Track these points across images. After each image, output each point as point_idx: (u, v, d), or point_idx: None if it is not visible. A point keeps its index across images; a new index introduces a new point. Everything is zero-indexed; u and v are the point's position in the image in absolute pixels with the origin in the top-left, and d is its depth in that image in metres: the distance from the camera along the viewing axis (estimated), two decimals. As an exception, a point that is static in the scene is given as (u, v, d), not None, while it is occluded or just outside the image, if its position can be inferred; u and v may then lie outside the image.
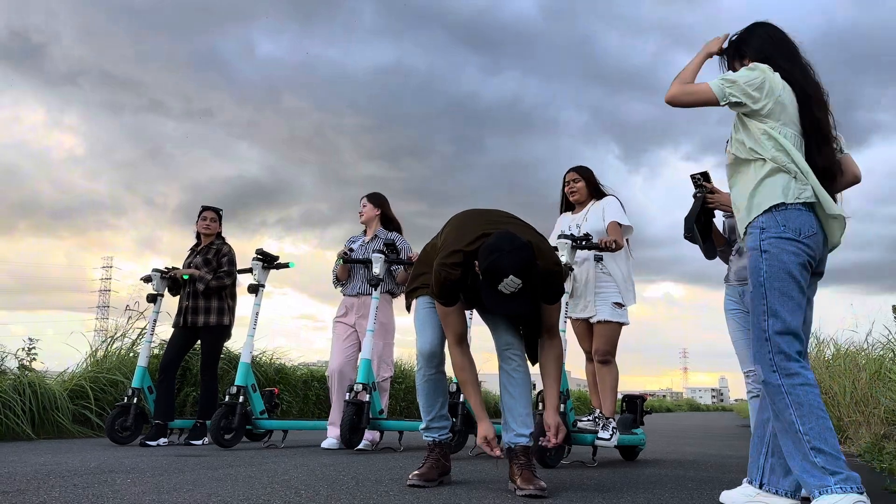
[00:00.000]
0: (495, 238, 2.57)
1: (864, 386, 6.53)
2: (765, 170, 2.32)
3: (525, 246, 2.55)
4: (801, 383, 2.16)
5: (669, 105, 2.43)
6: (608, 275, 4.32)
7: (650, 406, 4.94)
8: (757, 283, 2.26)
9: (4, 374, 5.81)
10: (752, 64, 2.44)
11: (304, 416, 8.42)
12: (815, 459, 2.10)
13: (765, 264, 2.25)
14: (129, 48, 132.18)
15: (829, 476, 2.07)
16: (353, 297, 5.21)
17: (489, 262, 2.51)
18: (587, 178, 4.57)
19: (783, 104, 2.36)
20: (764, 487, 2.42)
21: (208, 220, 5.57)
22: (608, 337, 4.28)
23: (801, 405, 2.14)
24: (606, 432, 4.09)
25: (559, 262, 2.85)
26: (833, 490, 2.05)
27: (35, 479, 2.80)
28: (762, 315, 2.24)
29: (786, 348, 2.19)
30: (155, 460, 3.71)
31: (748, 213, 2.34)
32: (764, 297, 2.24)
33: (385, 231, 5.31)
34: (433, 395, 3.01)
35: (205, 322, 5.32)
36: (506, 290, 2.50)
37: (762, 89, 2.34)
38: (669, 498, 2.74)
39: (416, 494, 2.58)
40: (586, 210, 4.53)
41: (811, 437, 2.11)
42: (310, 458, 4.07)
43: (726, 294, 3.38)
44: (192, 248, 5.67)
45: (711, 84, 2.38)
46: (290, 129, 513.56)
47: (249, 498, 2.39)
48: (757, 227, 2.30)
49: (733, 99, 2.35)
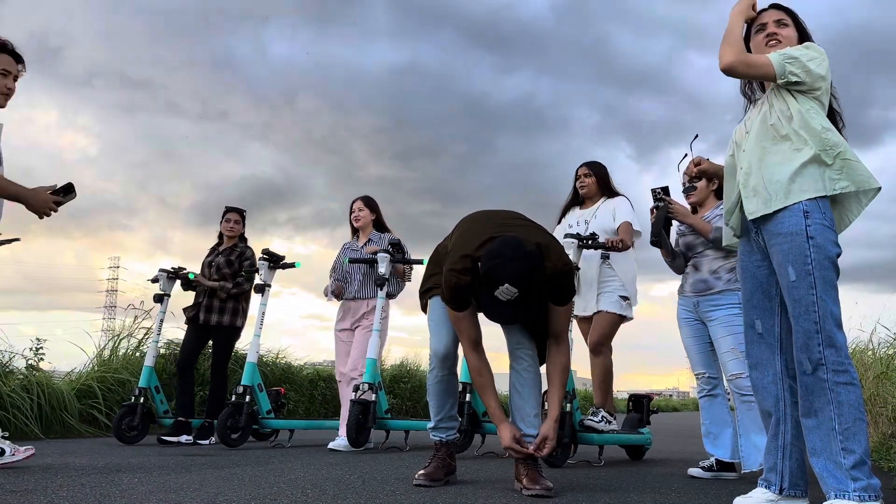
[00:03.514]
0: (499, 243, 2.56)
1: (870, 385, 6.50)
2: (806, 155, 2.22)
3: (528, 255, 2.53)
4: (845, 382, 2.09)
5: (725, 73, 2.30)
6: (614, 272, 4.32)
7: (656, 405, 4.92)
8: (803, 272, 2.16)
9: (12, 374, 5.84)
10: (807, 43, 2.37)
11: (310, 415, 8.43)
12: (842, 460, 2.06)
13: (812, 252, 2.15)
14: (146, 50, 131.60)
15: (851, 481, 2.04)
16: (351, 301, 5.21)
17: (488, 268, 2.51)
18: (598, 174, 4.55)
19: (828, 91, 2.33)
20: (785, 492, 2.31)
21: (232, 221, 5.59)
22: (604, 327, 4.28)
23: (842, 404, 2.09)
24: (596, 417, 4.13)
25: (570, 262, 2.83)
26: (851, 497, 2.03)
27: (43, 478, 2.82)
28: (812, 305, 2.13)
29: (838, 342, 2.11)
30: (162, 460, 3.72)
31: (785, 195, 2.21)
32: (813, 286, 2.14)
33: (378, 234, 5.30)
34: (444, 396, 3.01)
35: (217, 322, 5.33)
36: (502, 297, 2.49)
37: (822, 69, 2.29)
38: (676, 498, 2.73)
39: (423, 494, 2.58)
40: (596, 207, 4.51)
41: (845, 438, 2.07)
42: (316, 457, 4.08)
43: (679, 304, 3.76)
44: (214, 248, 5.66)
45: (772, 58, 2.28)
46: (303, 129, 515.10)
47: (256, 497, 2.40)
48: (799, 210, 2.19)
49: (793, 78, 2.28)
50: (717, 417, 3.64)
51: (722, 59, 2.30)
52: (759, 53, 2.42)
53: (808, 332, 2.13)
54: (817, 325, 2.12)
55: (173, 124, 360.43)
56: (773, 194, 2.23)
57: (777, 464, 2.32)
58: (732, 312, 3.46)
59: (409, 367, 11.10)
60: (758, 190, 2.28)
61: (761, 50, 2.44)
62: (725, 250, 3.52)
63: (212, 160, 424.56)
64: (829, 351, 2.11)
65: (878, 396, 6.29)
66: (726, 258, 3.56)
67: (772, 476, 2.33)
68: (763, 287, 2.39)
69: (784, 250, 2.20)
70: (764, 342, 2.38)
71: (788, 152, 2.26)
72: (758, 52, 2.45)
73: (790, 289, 2.18)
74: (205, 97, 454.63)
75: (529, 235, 2.71)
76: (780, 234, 2.22)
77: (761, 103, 2.41)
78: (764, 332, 2.38)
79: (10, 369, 5.91)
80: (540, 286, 2.60)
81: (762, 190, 2.27)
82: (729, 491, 2.93)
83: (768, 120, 2.32)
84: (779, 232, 2.22)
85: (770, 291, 2.37)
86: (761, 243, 2.35)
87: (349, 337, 5.12)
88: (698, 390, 3.73)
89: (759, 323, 2.39)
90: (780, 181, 2.23)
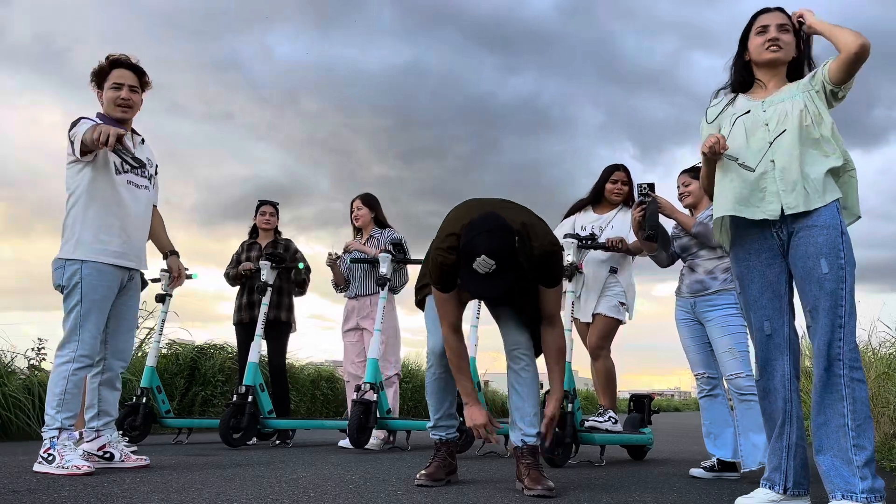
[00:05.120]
0: (479, 218, 2.56)
1: (872, 385, 6.49)
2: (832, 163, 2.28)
3: (507, 229, 2.52)
4: (859, 379, 2.14)
5: (864, 51, 2.24)
6: (617, 280, 4.35)
7: (658, 405, 4.92)
8: (836, 266, 2.19)
9: (14, 374, 5.84)
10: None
11: (311, 415, 8.44)
12: (853, 456, 2.08)
13: (844, 246, 2.21)
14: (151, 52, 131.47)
15: (859, 480, 2.05)
16: (353, 300, 5.21)
17: (466, 241, 2.51)
18: (630, 185, 4.47)
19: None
20: (789, 492, 2.30)
21: (267, 214, 5.57)
22: (602, 331, 4.30)
23: (856, 401, 2.12)
24: (602, 417, 4.15)
25: (557, 242, 2.81)
26: (858, 498, 2.04)
27: (45, 478, 2.82)
28: (840, 300, 2.17)
29: (855, 339, 2.17)
30: (163, 460, 3.73)
31: (822, 193, 2.25)
32: (843, 280, 2.18)
33: (380, 231, 5.31)
34: (442, 394, 3.02)
35: (276, 317, 5.32)
36: (479, 269, 2.46)
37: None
38: (677, 497, 2.73)
39: (424, 494, 2.58)
40: (613, 214, 4.48)
41: (857, 434, 2.09)
42: (318, 457, 4.08)
43: (677, 305, 3.77)
44: (250, 244, 5.61)
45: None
46: (307, 130, 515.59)
47: (258, 497, 2.40)
48: (835, 207, 2.26)
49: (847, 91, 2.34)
50: (718, 417, 3.64)
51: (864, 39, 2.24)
52: (757, 55, 2.45)
53: (833, 325, 2.16)
54: (842, 319, 2.16)
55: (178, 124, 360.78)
56: (812, 192, 2.26)
57: (781, 464, 2.31)
58: (729, 312, 3.46)
59: (410, 367, 11.10)
60: (797, 185, 2.28)
61: (759, 52, 2.45)
62: (720, 251, 3.53)
63: (216, 160, 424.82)
64: (848, 347, 2.14)
65: (879, 396, 6.29)
66: (721, 258, 3.56)
67: (776, 476, 2.32)
68: (773, 287, 2.36)
69: (819, 242, 2.22)
70: (772, 343, 2.36)
71: (819, 155, 2.30)
72: (756, 53, 2.47)
73: (821, 281, 2.20)
74: (209, 98, 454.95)
75: (515, 216, 2.70)
76: (815, 227, 2.24)
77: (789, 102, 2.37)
78: (773, 332, 2.35)
79: (12, 369, 5.91)
80: (526, 265, 2.60)
81: (801, 186, 2.27)
82: (730, 491, 2.93)
83: (804, 121, 2.33)
84: (814, 224, 2.25)
85: (779, 291, 2.36)
86: (782, 237, 2.33)
87: (356, 337, 5.13)
88: (698, 391, 3.74)
89: (769, 324, 2.36)
90: (818, 179, 2.26)
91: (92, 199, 3.16)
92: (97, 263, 3.14)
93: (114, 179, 3.20)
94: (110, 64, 3.29)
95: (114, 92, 3.27)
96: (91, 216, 3.15)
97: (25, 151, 72.93)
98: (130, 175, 3.26)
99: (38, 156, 60.74)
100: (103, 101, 3.30)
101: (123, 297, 3.30)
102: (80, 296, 3.09)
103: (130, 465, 3.27)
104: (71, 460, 2.94)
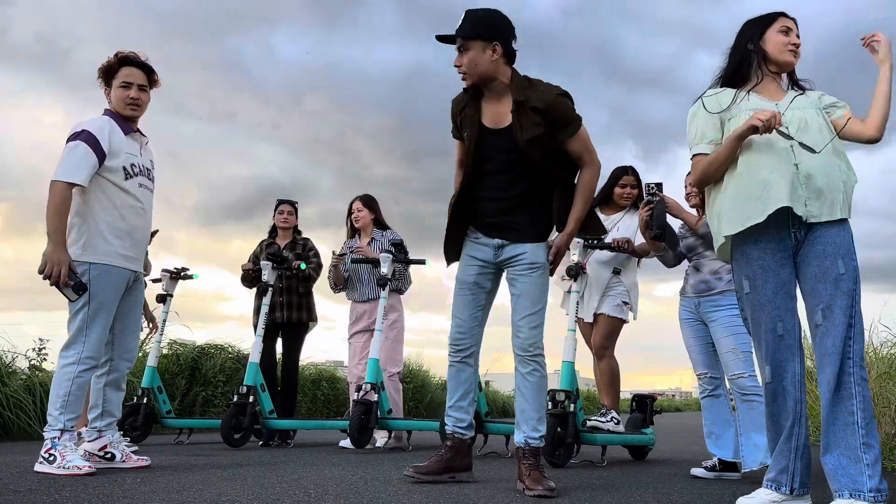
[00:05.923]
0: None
1: (873, 385, 6.48)
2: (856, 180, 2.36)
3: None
4: (865, 378, 2.19)
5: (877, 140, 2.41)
6: (620, 281, 4.35)
7: (659, 406, 4.92)
8: (851, 267, 2.24)
9: (15, 374, 5.84)
10: None
11: (312, 415, 8.43)
12: (862, 455, 2.09)
13: (854, 250, 2.28)
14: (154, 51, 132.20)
15: (867, 479, 2.06)
16: (364, 304, 5.20)
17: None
18: (639, 189, 4.45)
19: None
20: (795, 492, 2.27)
21: (285, 213, 5.54)
22: (605, 331, 4.31)
23: (865, 399, 2.15)
24: (604, 418, 4.16)
25: (560, 89, 2.90)
26: (866, 497, 2.04)
27: (45, 478, 2.82)
28: (853, 301, 2.22)
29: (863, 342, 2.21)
30: (164, 460, 3.73)
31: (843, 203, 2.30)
32: (857, 282, 2.24)
33: (380, 232, 5.31)
34: (453, 383, 3.03)
35: (298, 318, 5.31)
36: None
37: None
38: (678, 497, 2.73)
39: (425, 494, 2.58)
40: (620, 216, 4.49)
41: (866, 433, 2.11)
42: (319, 457, 4.08)
43: (681, 305, 3.77)
44: (269, 243, 5.56)
45: None
46: (310, 130, 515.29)
47: (259, 497, 2.40)
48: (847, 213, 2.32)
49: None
50: (720, 417, 3.64)
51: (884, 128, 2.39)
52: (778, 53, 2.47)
53: (846, 325, 2.20)
54: (853, 319, 2.20)
55: (181, 124, 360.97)
56: (837, 201, 2.29)
57: (789, 465, 2.28)
58: (733, 313, 3.44)
59: (412, 367, 11.10)
60: (823, 193, 2.28)
61: (781, 51, 2.47)
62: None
63: (218, 160, 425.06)
64: (858, 346, 2.17)
65: (880, 397, 6.28)
66: None
67: (783, 478, 2.28)
68: (786, 287, 2.33)
69: (837, 242, 2.26)
70: (784, 344, 2.32)
71: (844, 166, 2.35)
72: (777, 51, 2.47)
73: (838, 280, 2.23)
74: (213, 98, 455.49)
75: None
76: (833, 227, 2.28)
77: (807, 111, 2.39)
78: (785, 333, 2.31)
79: (13, 370, 5.91)
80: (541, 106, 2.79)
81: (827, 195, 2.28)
82: (732, 491, 2.92)
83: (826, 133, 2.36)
84: (832, 225, 2.28)
85: (792, 291, 2.35)
86: (799, 237, 2.31)
87: (366, 338, 5.11)
88: (700, 391, 3.74)
89: (781, 325, 2.32)
90: (840, 190, 2.30)
91: (100, 202, 3.16)
92: (106, 265, 3.14)
93: (123, 183, 3.20)
94: (119, 61, 3.28)
95: (123, 91, 3.27)
96: (100, 218, 3.15)
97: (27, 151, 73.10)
98: (141, 178, 3.28)
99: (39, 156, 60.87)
100: (111, 99, 3.30)
101: (129, 297, 3.30)
102: (88, 297, 3.09)
103: (131, 466, 3.27)
104: (72, 461, 2.94)
